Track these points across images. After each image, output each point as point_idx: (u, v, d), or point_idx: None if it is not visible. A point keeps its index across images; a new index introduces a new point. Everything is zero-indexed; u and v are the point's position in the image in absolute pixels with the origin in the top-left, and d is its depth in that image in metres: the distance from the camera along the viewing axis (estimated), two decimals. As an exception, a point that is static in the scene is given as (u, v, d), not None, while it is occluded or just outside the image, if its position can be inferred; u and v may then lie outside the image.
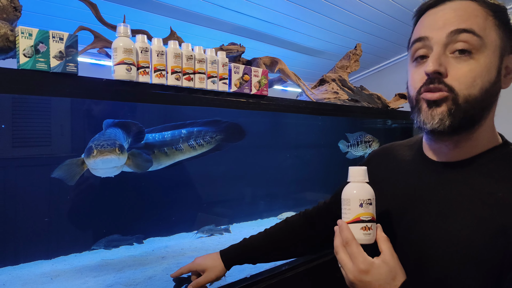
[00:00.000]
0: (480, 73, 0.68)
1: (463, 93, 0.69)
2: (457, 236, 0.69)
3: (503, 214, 0.65)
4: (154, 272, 1.58)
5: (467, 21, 0.69)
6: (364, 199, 0.72)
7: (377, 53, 3.47)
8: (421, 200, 0.78)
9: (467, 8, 0.70)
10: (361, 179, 0.74)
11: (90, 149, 1.25)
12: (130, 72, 1.09)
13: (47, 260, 1.66)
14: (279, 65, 1.89)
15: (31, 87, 0.90)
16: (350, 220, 0.72)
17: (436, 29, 0.71)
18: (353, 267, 0.68)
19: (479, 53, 0.68)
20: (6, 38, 0.91)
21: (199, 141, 1.85)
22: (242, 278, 1.53)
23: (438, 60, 0.69)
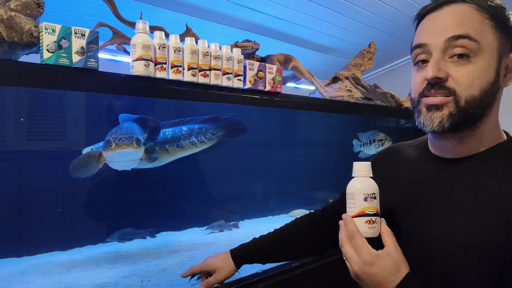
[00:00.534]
0: (478, 75, 0.71)
1: (463, 94, 0.71)
2: (460, 231, 0.70)
3: (505, 208, 0.67)
4: (167, 265, 1.61)
5: (463, 26, 0.71)
6: (368, 193, 0.74)
7: (391, 51, 3.45)
8: (426, 196, 0.79)
9: (463, 12, 0.72)
10: (365, 174, 0.76)
11: (108, 142, 1.28)
12: (148, 68, 1.11)
13: (63, 251, 1.70)
14: (293, 62, 1.90)
15: (54, 82, 0.93)
16: (354, 214, 0.74)
17: (434, 35, 0.73)
18: (358, 259, 0.70)
19: (477, 56, 0.71)
20: (30, 34, 0.94)
21: (201, 138, 1.85)
22: (254, 273, 1.55)
23: (437, 65, 0.72)
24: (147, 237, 1.97)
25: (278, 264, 1.65)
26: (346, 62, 2.51)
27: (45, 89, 1.36)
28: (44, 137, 1.67)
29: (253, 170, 2.50)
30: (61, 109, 1.67)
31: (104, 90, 1.04)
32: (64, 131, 1.69)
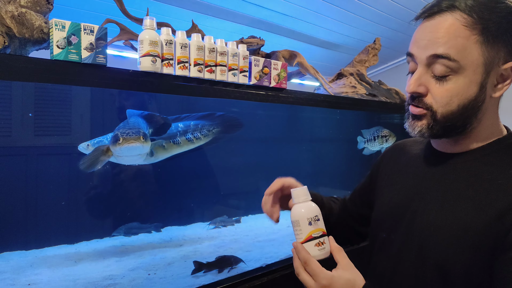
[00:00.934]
0: (457, 92, 0.73)
1: (440, 111, 0.75)
2: (458, 222, 0.73)
3: (501, 199, 0.69)
4: (173, 259, 1.63)
5: (445, 44, 0.72)
6: (311, 217, 0.76)
7: (397, 48, 3.44)
8: (427, 190, 0.82)
9: (449, 27, 0.72)
10: (304, 199, 0.78)
11: (116, 137, 1.30)
12: (155, 64, 1.12)
13: (70, 244, 1.73)
14: (298, 59, 1.90)
15: (64, 77, 0.95)
16: (303, 240, 0.75)
17: (420, 49, 0.76)
18: (316, 284, 0.72)
19: (457, 75, 0.73)
20: (41, 30, 0.96)
21: (197, 134, 1.85)
22: (258, 267, 1.57)
23: (418, 80, 0.76)
24: (152, 231, 1.99)
25: (282, 258, 1.67)
26: (350, 59, 2.51)
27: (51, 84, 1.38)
28: (50, 132, 1.69)
29: (258, 166, 2.51)
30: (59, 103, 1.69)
31: (112, 86, 1.05)
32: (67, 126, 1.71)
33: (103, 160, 1.42)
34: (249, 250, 1.78)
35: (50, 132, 1.69)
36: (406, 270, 0.80)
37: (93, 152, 1.39)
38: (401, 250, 0.83)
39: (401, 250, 0.83)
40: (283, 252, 1.77)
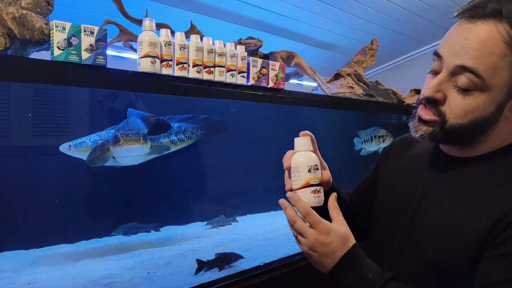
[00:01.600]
0: (473, 109, 0.70)
1: (451, 122, 0.73)
2: (454, 226, 0.73)
3: (499, 207, 0.68)
4: (171, 258, 1.64)
5: (477, 58, 0.68)
6: (311, 165, 0.78)
7: (394, 48, 3.46)
8: (428, 190, 0.82)
9: (487, 40, 0.67)
10: (306, 148, 0.80)
11: (116, 138, 1.32)
12: (155, 65, 1.14)
13: (70, 244, 1.74)
14: (296, 59, 1.92)
15: (64, 78, 0.96)
16: (301, 185, 0.78)
17: (450, 53, 0.72)
18: (315, 231, 0.74)
19: (479, 92, 0.69)
20: (41, 31, 0.97)
21: (180, 136, 1.84)
22: (256, 266, 1.58)
23: (438, 86, 0.73)
24: (151, 231, 2.00)
25: (280, 257, 1.69)
26: (348, 59, 2.53)
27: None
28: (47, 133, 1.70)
29: (256, 166, 2.52)
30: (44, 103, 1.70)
31: (112, 87, 1.07)
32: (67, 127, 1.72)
33: (105, 158, 1.44)
34: (248, 249, 1.79)
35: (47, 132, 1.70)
36: (404, 267, 0.81)
37: (97, 148, 1.40)
38: (400, 247, 0.84)
39: (400, 247, 0.84)
40: (281, 251, 1.78)
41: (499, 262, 0.65)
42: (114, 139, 1.34)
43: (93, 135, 1.54)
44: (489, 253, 0.67)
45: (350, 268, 0.73)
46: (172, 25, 1.40)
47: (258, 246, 1.85)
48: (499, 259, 0.65)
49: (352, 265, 0.73)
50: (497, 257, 0.66)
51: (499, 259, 0.65)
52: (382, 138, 2.49)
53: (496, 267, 0.65)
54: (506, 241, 0.65)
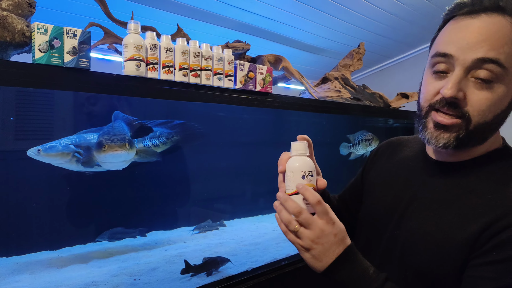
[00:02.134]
0: (495, 102, 0.69)
1: (476, 120, 0.69)
2: (440, 233, 0.72)
3: (487, 215, 0.68)
4: (157, 264, 1.62)
5: (496, 49, 0.66)
6: (306, 171, 0.76)
7: (380, 52, 3.49)
8: (415, 196, 0.81)
9: (500, 30, 0.67)
10: (302, 153, 0.78)
11: (101, 143, 1.28)
12: (140, 68, 1.12)
13: (53, 251, 1.70)
14: (283, 63, 1.91)
15: (46, 81, 0.94)
16: (293, 192, 0.75)
17: (462, 49, 0.68)
18: (310, 232, 0.70)
19: (499, 82, 0.68)
20: (22, 34, 0.94)
21: (155, 141, 1.78)
22: (243, 271, 1.57)
23: (458, 85, 0.69)
24: (137, 236, 1.97)
25: (267, 262, 1.68)
26: (335, 63, 2.53)
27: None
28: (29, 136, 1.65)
29: (243, 170, 2.51)
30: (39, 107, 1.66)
31: (95, 90, 1.05)
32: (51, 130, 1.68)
33: (90, 162, 1.41)
34: (235, 254, 1.78)
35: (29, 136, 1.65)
36: (390, 272, 0.79)
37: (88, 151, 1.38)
38: (386, 253, 0.83)
39: (386, 253, 0.83)
40: (268, 256, 1.77)
41: (486, 270, 0.64)
42: (99, 144, 1.31)
43: (64, 139, 1.47)
44: (476, 261, 0.66)
45: (351, 262, 0.71)
46: (158, 28, 1.38)
47: (245, 251, 1.84)
48: (486, 267, 0.65)
49: (353, 259, 0.71)
50: (484, 265, 0.65)
51: (486, 267, 0.65)
52: (368, 142, 2.51)
53: (483, 275, 0.65)
54: (493, 249, 0.65)
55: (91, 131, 1.59)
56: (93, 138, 1.51)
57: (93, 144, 1.43)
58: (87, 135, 1.54)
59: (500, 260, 0.64)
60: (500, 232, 0.65)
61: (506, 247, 0.64)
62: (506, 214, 0.66)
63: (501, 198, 0.69)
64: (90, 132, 1.58)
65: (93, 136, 1.53)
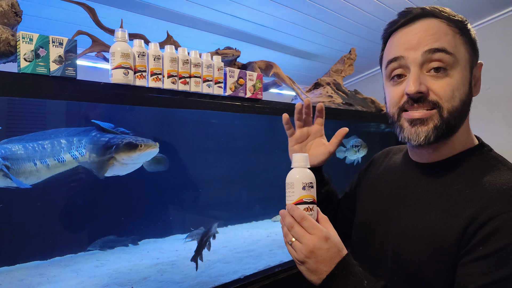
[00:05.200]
0: (456, 86, 0.74)
1: (446, 106, 0.74)
2: (429, 231, 0.74)
3: (468, 209, 0.70)
4: (149, 273, 1.60)
5: (439, 40, 0.73)
6: (306, 182, 0.77)
7: (372, 57, 3.51)
8: (402, 199, 0.84)
9: (437, 27, 0.75)
10: (303, 165, 0.79)
11: (132, 144, 1.39)
12: (128, 76, 1.11)
13: (43, 261, 1.68)
14: (274, 69, 1.92)
15: (31, 91, 0.93)
16: (294, 202, 0.77)
17: (410, 49, 0.75)
18: (314, 237, 0.71)
19: (453, 69, 0.74)
20: (7, 43, 0.93)
21: (81, 151, 1.60)
22: (236, 279, 1.56)
23: (418, 80, 0.74)
24: (129, 244, 1.95)
25: (261, 269, 1.67)
26: (327, 68, 2.54)
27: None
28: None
29: (236, 177, 2.50)
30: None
31: (82, 99, 1.04)
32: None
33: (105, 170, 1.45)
34: (228, 262, 1.77)
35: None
36: (383, 275, 0.82)
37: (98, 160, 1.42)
38: (378, 256, 0.85)
39: (378, 256, 0.85)
40: (261, 263, 1.76)
41: (476, 266, 0.66)
42: (129, 145, 1.39)
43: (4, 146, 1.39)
44: (465, 258, 0.68)
45: (345, 275, 0.71)
46: (148, 35, 1.38)
47: (238, 259, 1.82)
48: (475, 263, 0.66)
49: (348, 272, 0.72)
50: (473, 262, 0.66)
51: (475, 263, 0.66)
52: (357, 148, 2.52)
53: (473, 271, 0.66)
54: (479, 244, 0.66)
55: (21, 139, 1.47)
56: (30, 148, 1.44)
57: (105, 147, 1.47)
58: (13, 145, 1.43)
59: (487, 254, 0.65)
60: (483, 226, 0.67)
61: (491, 240, 0.65)
62: (485, 207, 0.68)
63: (479, 192, 0.71)
64: (20, 141, 1.46)
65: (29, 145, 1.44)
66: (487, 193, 0.70)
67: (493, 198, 0.68)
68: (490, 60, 0.85)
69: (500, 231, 0.65)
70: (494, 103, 3.19)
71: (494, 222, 0.66)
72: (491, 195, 0.69)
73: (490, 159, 0.78)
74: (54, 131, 1.56)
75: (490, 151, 0.81)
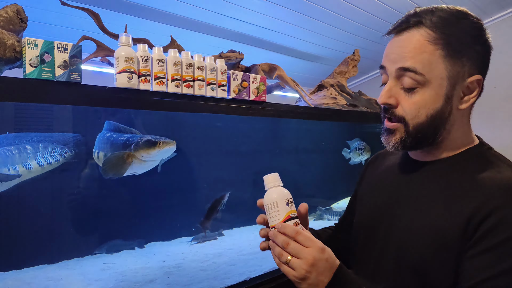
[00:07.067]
0: (424, 104, 0.78)
1: (411, 122, 0.79)
2: (431, 227, 0.76)
3: (469, 204, 0.72)
4: (155, 275, 1.61)
5: (412, 58, 0.77)
6: (287, 199, 0.78)
7: (375, 59, 3.50)
8: (403, 196, 0.86)
9: (416, 43, 0.77)
10: (277, 184, 0.80)
11: (152, 142, 1.46)
12: (132, 80, 1.12)
13: (50, 264, 1.69)
14: (278, 72, 1.92)
15: (37, 96, 0.94)
16: (282, 220, 0.76)
17: (390, 62, 0.81)
18: (312, 249, 0.71)
19: (423, 87, 0.77)
20: (13, 49, 0.95)
21: (47, 158, 1.59)
22: (242, 281, 1.56)
23: (389, 92, 0.80)
24: (135, 247, 1.96)
25: (266, 271, 1.67)
26: (331, 70, 2.54)
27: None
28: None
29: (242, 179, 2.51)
30: None
31: (87, 103, 1.05)
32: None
33: (124, 169, 1.49)
34: (233, 264, 1.77)
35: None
36: (386, 272, 0.83)
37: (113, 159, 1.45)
38: (381, 254, 0.86)
39: (380, 254, 0.86)
40: (267, 265, 1.76)
41: (479, 260, 0.68)
42: (148, 142, 1.47)
43: None
44: (468, 253, 0.69)
45: (345, 282, 0.72)
46: (153, 40, 1.39)
47: (243, 261, 1.83)
48: (478, 257, 0.68)
49: (346, 280, 0.73)
50: (477, 256, 0.68)
51: (478, 257, 0.68)
52: (361, 151, 2.52)
53: (477, 265, 0.67)
54: (482, 239, 0.68)
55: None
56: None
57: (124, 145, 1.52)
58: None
59: (490, 247, 0.67)
60: (484, 220, 0.69)
61: (493, 234, 0.67)
62: (486, 202, 0.70)
63: (480, 187, 0.73)
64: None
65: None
66: (488, 188, 0.72)
67: (494, 193, 0.70)
68: (495, 59, 0.83)
69: (502, 225, 0.67)
70: (499, 102, 3.17)
71: (495, 216, 0.68)
72: (492, 191, 0.71)
73: (490, 156, 0.80)
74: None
75: (489, 149, 0.83)
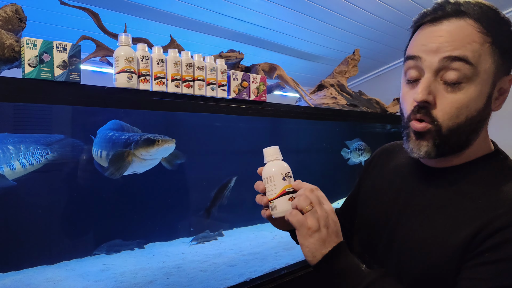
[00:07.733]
0: (467, 104, 0.68)
1: (446, 124, 0.70)
2: (435, 238, 0.72)
3: (479, 219, 0.67)
4: (154, 276, 1.60)
5: (461, 47, 0.67)
6: (285, 173, 0.76)
7: (376, 58, 3.50)
8: (409, 203, 0.81)
9: (463, 31, 0.68)
10: (276, 157, 0.79)
11: (150, 140, 1.45)
12: (131, 80, 1.12)
13: (49, 265, 1.68)
14: (278, 71, 1.92)
15: (36, 96, 0.93)
16: (278, 194, 0.75)
17: (429, 52, 0.70)
18: (329, 206, 0.72)
19: (470, 83, 0.68)
20: (12, 49, 0.94)
21: (30, 159, 1.57)
22: (242, 282, 1.55)
23: (428, 88, 0.69)
24: (135, 248, 1.96)
25: (266, 272, 1.66)
26: (331, 70, 2.54)
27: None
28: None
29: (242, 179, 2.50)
30: None
31: (86, 103, 1.04)
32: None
33: (124, 167, 1.48)
34: (233, 265, 1.76)
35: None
36: None
37: (116, 157, 1.45)
38: (383, 259, 0.83)
39: (382, 259, 0.83)
40: (267, 265, 1.76)
41: (479, 271, 0.64)
42: (147, 141, 1.45)
43: None
44: (469, 263, 0.66)
45: (347, 254, 0.72)
46: (152, 39, 1.38)
47: (244, 261, 1.82)
48: (479, 268, 0.65)
49: (347, 251, 0.72)
50: (477, 266, 0.65)
51: (479, 268, 0.65)
52: (361, 151, 2.51)
53: (476, 276, 0.64)
54: (486, 251, 0.65)
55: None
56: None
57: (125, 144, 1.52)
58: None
59: (493, 261, 0.63)
60: (493, 234, 0.65)
61: (500, 249, 0.63)
62: (498, 217, 0.66)
63: (493, 201, 0.68)
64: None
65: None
66: (500, 203, 0.67)
67: (506, 209, 0.66)
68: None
69: (510, 241, 0.63)
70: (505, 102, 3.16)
71: (504, 232, 0.64)
72: (504, 206, 0.67)
73: (505, 168, 0.74)
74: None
75: (505, 158, 0.77)
